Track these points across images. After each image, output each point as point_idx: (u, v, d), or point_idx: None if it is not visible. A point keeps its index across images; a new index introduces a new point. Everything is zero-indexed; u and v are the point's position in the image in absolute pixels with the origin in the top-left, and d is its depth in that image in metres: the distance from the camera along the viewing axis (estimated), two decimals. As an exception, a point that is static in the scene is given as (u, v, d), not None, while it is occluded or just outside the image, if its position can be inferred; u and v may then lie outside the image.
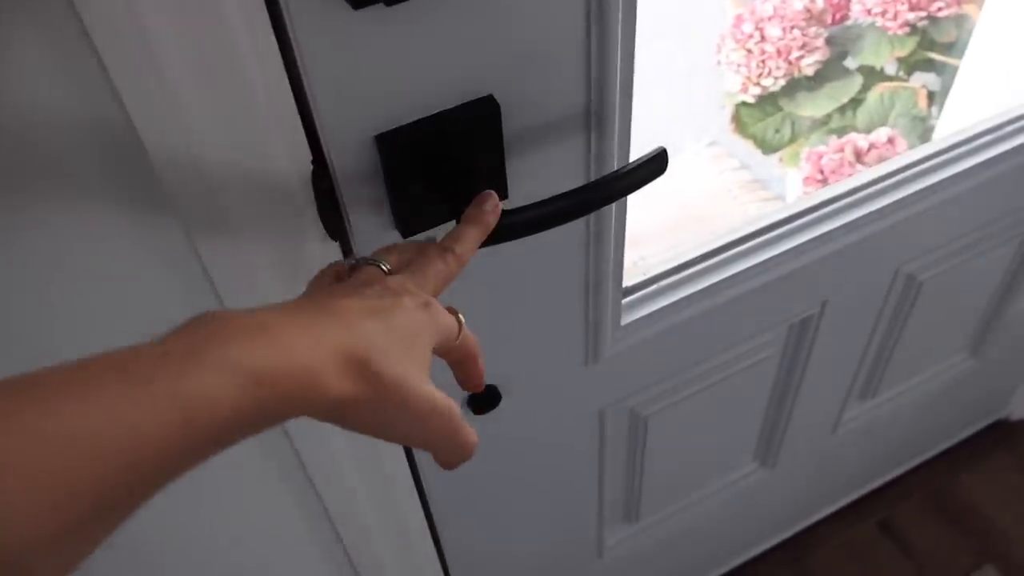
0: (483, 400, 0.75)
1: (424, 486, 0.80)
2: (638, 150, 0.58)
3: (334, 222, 0.54)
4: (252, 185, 0.49)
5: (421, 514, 0.82)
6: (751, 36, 1.51)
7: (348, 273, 0.45)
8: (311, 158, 0.51)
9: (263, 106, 0.46)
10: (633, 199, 0.68)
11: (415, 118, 0.51)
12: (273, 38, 0.44)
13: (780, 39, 1.49)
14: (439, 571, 0.92)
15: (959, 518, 1.50)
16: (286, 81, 0.46)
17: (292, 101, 0.47)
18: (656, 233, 2.06)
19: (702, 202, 2.16)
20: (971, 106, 1.24)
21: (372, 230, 0.56)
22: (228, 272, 0.51)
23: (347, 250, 0.57)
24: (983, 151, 0.93)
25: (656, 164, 0.53)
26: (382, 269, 0.44)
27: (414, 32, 0.47)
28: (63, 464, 0.24)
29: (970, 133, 0.93)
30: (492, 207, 0.50)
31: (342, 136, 0.50)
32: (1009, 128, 0.94)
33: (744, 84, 1.58)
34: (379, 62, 0.48)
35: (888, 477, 1.53)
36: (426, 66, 0.49)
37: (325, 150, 0.51)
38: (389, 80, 0.49)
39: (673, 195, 2.19)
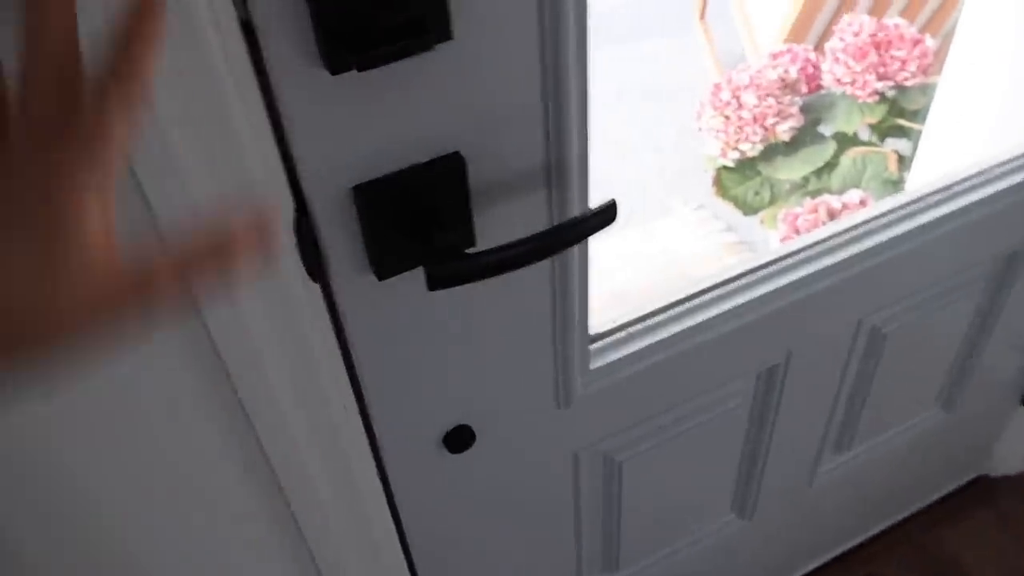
0: (457, 440, 0.79)
1: (402, 519, 0.83)
2: (624, 209, 0.62)
3: (315, 264, 0.59)
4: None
5: (399, 547, 0.85)
6: (728, 103, 1.58)
7: None
8: (295, 206, 0.56)
9: (251, 158, 0.51)
10: (623, 260, 0.73)
11: (389, 171, 0.57)
12: (260, 97, 0.50)
13: (756, 106, 1.57)
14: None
15: (942, 573, 1.52)
16: (271, 137, 0.52)
17: (277, 154, 0.53)
18: (648, 290, 2.12)
19: (690, 263, 2.22)
20: (935, 167, 1.31)
21: (349, 271, 0.61)
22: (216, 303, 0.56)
23: (328, 291, 0.62)
24: (941, 205, 0.98)
25: (607, 214, 0.59)
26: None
27: (386, 94, 0.53)
28: None
29: (929, 189, 0.98)
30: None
31: (322, 186, 0.56)
32: (965, 185, 1.00)
33: (723, 149, 1.65)
34: (355, 120, 0.53)
35: (871, 532, 1.54)
36: (398, 124, 0.55)
37: (307, 198, 0.56)
38: (365, 136, 0.55)
39: (662, 256, 2.26)
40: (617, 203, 0.58)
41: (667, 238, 2.30)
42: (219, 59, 0.46)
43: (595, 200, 0.64)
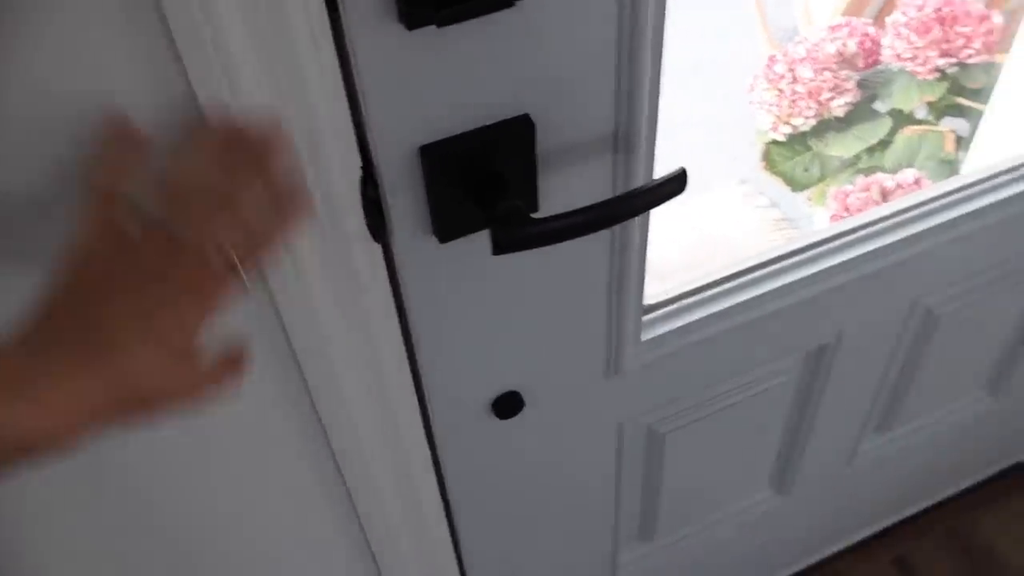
0: (506, 405, 0.79)
1: (447, 484, 0.84)
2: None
3: (378, 225, 0.59)
4: (307, 186, 0.54)
5: (443, 513, 0.86)
6: (783, 77, 1.55)
7: (119, 218, 0.42)
8: (360, 164, 0.56)
9: (321, 115, 0.51)
10: (664, 234, 0.73)
11: (457, 132, 0.56)
12: (334, 52, 0.49)
13: (811, 80, 1.53)
14: (456, 571, 0.95)
15: (975, 559, 1.50)
16: (343, 93, 0.51)
17: (348, 111, 0.52)
18: (685, 267, 2.10)
19: (731, 238, 2.20)
20: (997, 150, 1.27)
21: (411, 233, 0.60)
22: (276, 258, 0.56)
23: (388, 252, 0.62)
24: (1005, 188, 0.96)
25: (676, 183, 0.57)
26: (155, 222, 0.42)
27: (461, 53, 0.52)
28: None
29: (990, 172, 0.96)
30: (304, 204, 0.49)
31: (390, 145, 0.55)
32: (1030, 169, 0.97)
33: (775, 123, 1.62)
34: (427, 78, 0.53)
35: (905, 514, 1.53)
36: (470, 84, 0.54)
37: (374, 157, 0.56)
38: (435, 95, 0.54)
39: (703, 231, 2.23)
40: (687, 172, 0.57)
41: (709, 213, 2.28)
42: (297, 12, 0.46)
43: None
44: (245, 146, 0.45)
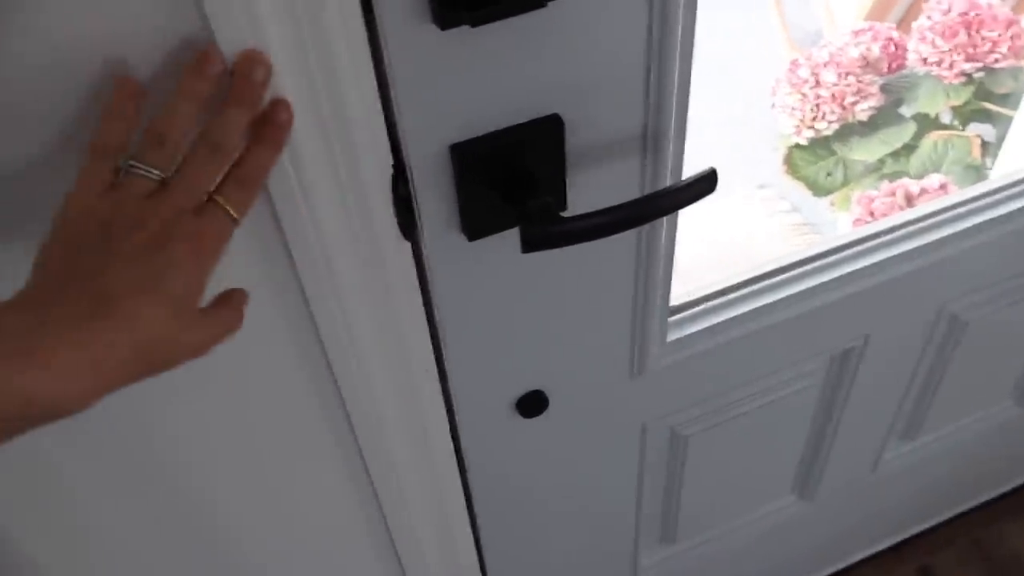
0: (530, 404, 0.79)
1: (471, 483, 0.84)
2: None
3: (408, 223, 0.59)
4: (339, 184, 0.54)
5: (466, 513, 0.86)
6: (806, 81, 1.54)
7: (115, 175, 0.42)
8: (392, 162, 0.57)
9: (354, 113, 0.52)
10: (684, 236, 0.72)
11: (487, 131, 0.57)
12: (368, 50, 0.50)
13: (835, 85, 1.52)
14: (477, 571, 0.95)
15: (1001, 570, 1.49)
16: (376, 90, 0.52)
17: (380, 108, 0.53)
18: (705, 269, 2.09)
19: (752, 243, 2.19)
20: (1024, 155, 1.26)
21: (441, 230, 0.61)
22: (309, 255, 0.56)
23: (418, 251, 0.63)
24: (1032, 195, 0.95)
25: (706, 183, 0.58)
26: (151, 177, 0.42)
27: (493, 52, 0.53)
28: None
29: (1019, 176, 0.95)
30: (287, 119, 0.48)
31: (421, 143, 0.56)
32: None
33: (798, 127, 1.61)
34: (459, 78, 0.53)
35: (929, 523, 1.52)
36: (500, 84, 0.55)
37: (405, 155, 0.56)
38: (466, 94, 0.54)
39: (724, 235, 2.22)
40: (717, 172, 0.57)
41: (730, 216, 2.27)
42: (332, 13, 0.46)
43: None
44: (229, 83, 0.44)
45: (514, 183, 0.59)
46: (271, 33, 0.45)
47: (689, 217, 0.73)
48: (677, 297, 0.82)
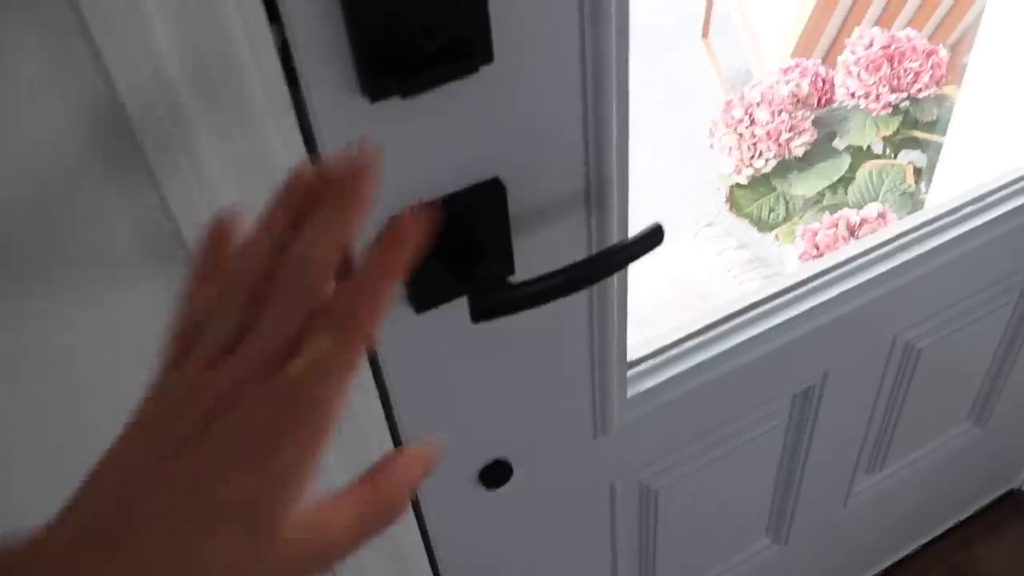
0: (494, 475, 0.76)
1: (437, 556, 0.81)
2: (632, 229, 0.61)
3: (351, 299, 0.57)
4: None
5: (435, 592, 0.82)
6: (741, 120, 1.57)
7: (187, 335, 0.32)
8: (329, 239, 0.54)
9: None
10: (637, 280, 0.71)
11: (427, 199, 0.55)
12: (296, 125, 0.48)
13: (769, 122, 1.55)
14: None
15: (978, 592, 1.48)
16: (308, 162, 0.50)
17: (313, 186, 0.51)
18: (660, 312, 2.10)
19: (704, 281, 2.21)
20: (958, 179, 1.29)
21: (387, 306, 0.58)
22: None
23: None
24: (971, 219, 0.97)
25: (653, 237, 0.56)
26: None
27: (426, 121, 0.51)
28: None
29: (958, 202, 0.96)
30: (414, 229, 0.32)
31: (359, 217, 0.54)
32: (995, 196, 0.98)
33: (737, 166, 1.64)
34: (393, 148, 0.51)
35: (903, 553, 1.51)
36: (436, 150, 0.53)
37: (343, 231, 0.54)
38: (402, 164, 0.53)
39: (675, 275, 2.24)
40: (663, 227, 0.56)
41: (679, 257, 2.29)
42: (255, 84, 0.45)
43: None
44: (321, 202, 0.32)
45: (458, 251, 0.57)
46: (197, 133, 0.43)
47: (640, 261, 0.71)
48: (634, 347, 0.81)
